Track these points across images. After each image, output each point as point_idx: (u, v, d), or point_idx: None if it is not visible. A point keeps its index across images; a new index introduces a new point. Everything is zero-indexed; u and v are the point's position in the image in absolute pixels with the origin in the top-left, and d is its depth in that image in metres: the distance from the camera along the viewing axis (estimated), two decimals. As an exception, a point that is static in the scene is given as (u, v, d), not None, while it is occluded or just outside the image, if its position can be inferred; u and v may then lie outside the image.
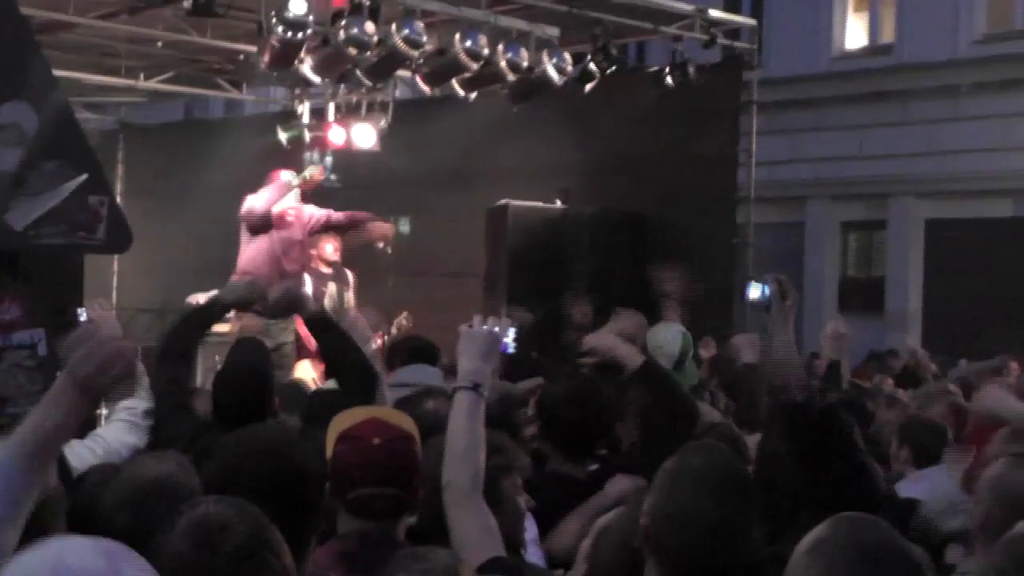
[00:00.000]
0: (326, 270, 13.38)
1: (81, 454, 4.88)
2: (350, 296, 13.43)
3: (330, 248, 13.45)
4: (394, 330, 12.78)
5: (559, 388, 5.54)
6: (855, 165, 20.52)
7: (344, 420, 3.91)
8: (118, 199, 14.97)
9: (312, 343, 11.06)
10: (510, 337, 4.37)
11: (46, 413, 2.88)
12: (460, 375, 3.90)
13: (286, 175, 13.26)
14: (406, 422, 4.00)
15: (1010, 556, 3.58)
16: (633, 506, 3.68)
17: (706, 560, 2.52)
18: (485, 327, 3.99)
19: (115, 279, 19.86)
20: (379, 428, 3.86)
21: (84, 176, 6.96)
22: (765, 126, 15.98)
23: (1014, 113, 19.05)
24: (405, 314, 13.10)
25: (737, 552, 3.12)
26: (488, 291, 15.02)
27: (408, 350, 8.21)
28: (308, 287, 12.44)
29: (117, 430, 5.31)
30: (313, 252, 13.25)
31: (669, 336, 9.22)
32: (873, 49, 21.26)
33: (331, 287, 13.00)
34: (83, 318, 6.33)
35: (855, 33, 21.51)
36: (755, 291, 4.73)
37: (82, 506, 3.52)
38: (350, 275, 13.60)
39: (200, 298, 16.07)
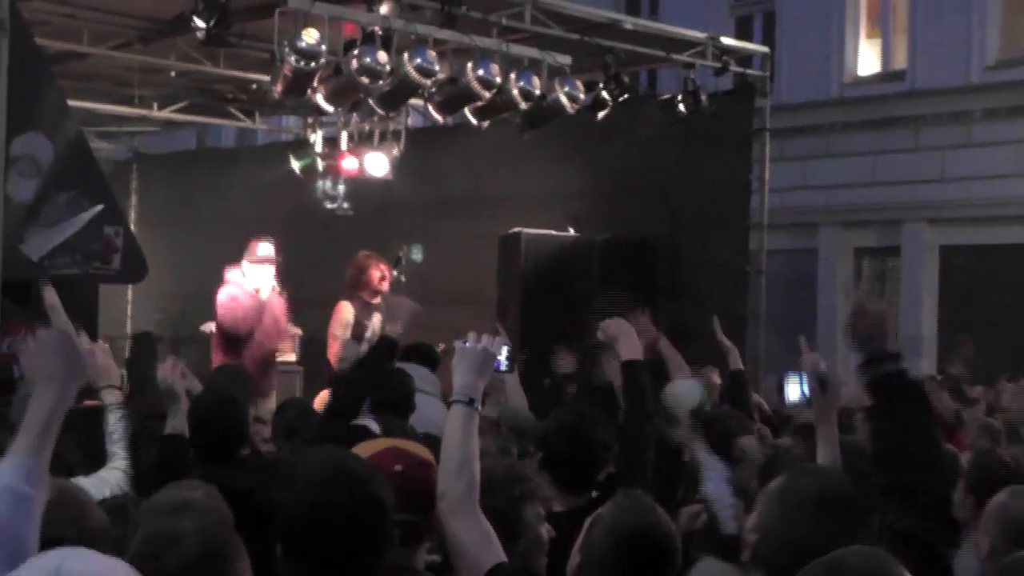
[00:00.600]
0: (373, 300, 13.24)
1: (91, 487, 4.93)
2: None
3: (377, 275, 13.36)
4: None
5: (554, 424, 5.58)
6: (867, 191, 20.49)
7: (364, 449, 3.97)
8: (132, 228, 15.07)
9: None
10: (503, 355, 4.44)
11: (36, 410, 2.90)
12: (455, 389, 3.97)
13: (264, 248, 13.22)
14: (424, 451, 4.05)
15: (1001, 533, 3.64)
16: (624, 497, 3.74)
17: None
18: (480, 344, 4.08)
19: (129, 307, 19.93)
20: (399, 456, 3.93)
21: (100, 206, 7.02)
22: (777, 152, 16.00)
23: (1025, 139, 19.06)
24: (442, 345, 13.07)
25: None
26: (500, 318, 15.02)
27: (404, 348, 8.27)
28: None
29: (118, 477, 5.35)
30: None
31: (686, 389, 8.98)
32: (885, 75, 21.25)
33: (375, 318, 12.78)
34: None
35: (867, 59, 21.51)
36: (794, 391, 4.66)
37: None
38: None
39: (213, 327, 16.20)
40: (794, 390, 6.31)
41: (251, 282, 13.01)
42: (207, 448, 5.37)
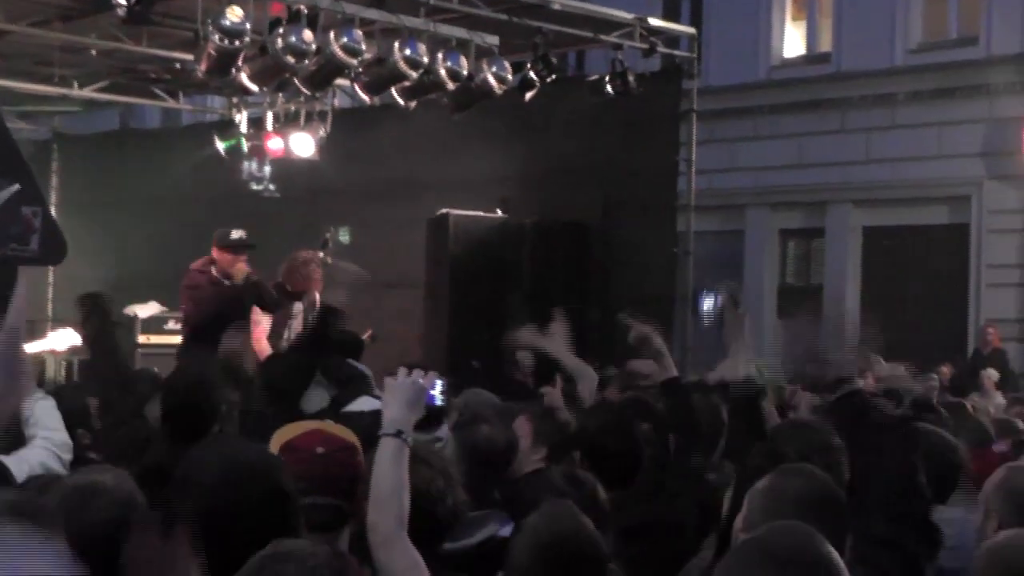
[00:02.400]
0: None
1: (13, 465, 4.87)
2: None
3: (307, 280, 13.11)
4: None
5: (597, 421, 5.60)
6: (794, 173, 20.64)
7: (288, 432, 3.97)
8: (52, 210, 14.82)
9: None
10: (437, 390, 4.44)
11: None
12: (385, 423, 3.98)
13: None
14: (349, 434, 4.03)
15: (991, 563, 3.67)
16: (548, 507, 3.71)
17: None
18: (410, 379, 4.10)
19: (51, 291, 19.64)
20: (322, 439, 3.92)
21: (17, 187, 6.87)
22: (704, 135, 16.02)
23: (949, 121, 19.24)
24: (369, 333, 12.94)
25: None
26: (429, 302, 14.97)
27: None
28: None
29: (40, 455, 5.29)
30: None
31: None
32: (811, 58, 21.41)
33: (296, 306, 12.60)
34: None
35: (793, 42, 21.65)
36: (708, 302, 4.81)
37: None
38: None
39: (138, 309, 15.98)
40: (708, 302, 6.42)
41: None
42: (180, 429, 5.35)
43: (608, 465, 5.38)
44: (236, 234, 11.88)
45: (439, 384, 4.72)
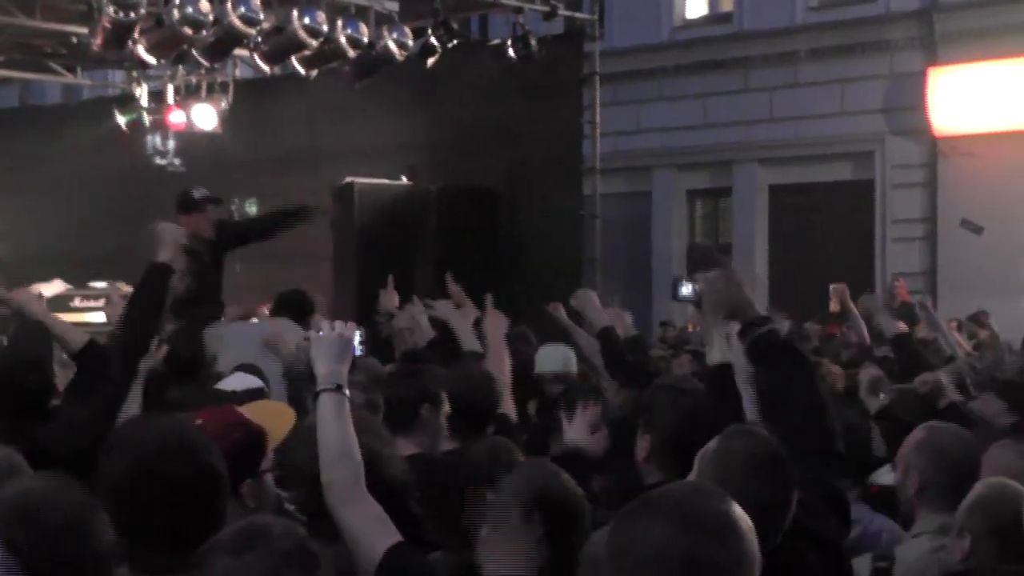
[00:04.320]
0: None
1: None
2: None
3: None
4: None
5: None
6: (699, 134, 20.73)
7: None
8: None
9: None
10: (357, 340, 4.38)
11: None
12: (319, 379, 3.91)
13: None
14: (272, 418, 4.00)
15: (990, 517, 3.80)
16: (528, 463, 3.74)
17: (760, 535, 2.57)
18: (335, 331, 4.04)
19: (-48, 271, 19.34)
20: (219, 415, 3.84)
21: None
22: (609, 97, 16.06)
23: (851, 78, 19.41)
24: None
25: (782, 525, 3.36)
26: (336, 271, 14.92)
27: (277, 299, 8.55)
28: None
29: None
30: None
31: (553, 354, 8.70)
32: (713, 18, 21.47)
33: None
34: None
35: (695, 3, 21.70)
36: (686, 289, 4.82)
37: None
38: None
39: (43, 288, 15.77)
40: (686, 289, 6.52)
41: None
42: (14, 409, 5.14)
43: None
44: (198, 193, 11.34)
45: (358, 334, 4.71)
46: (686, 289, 5.19)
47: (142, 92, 16.45)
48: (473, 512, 3.62)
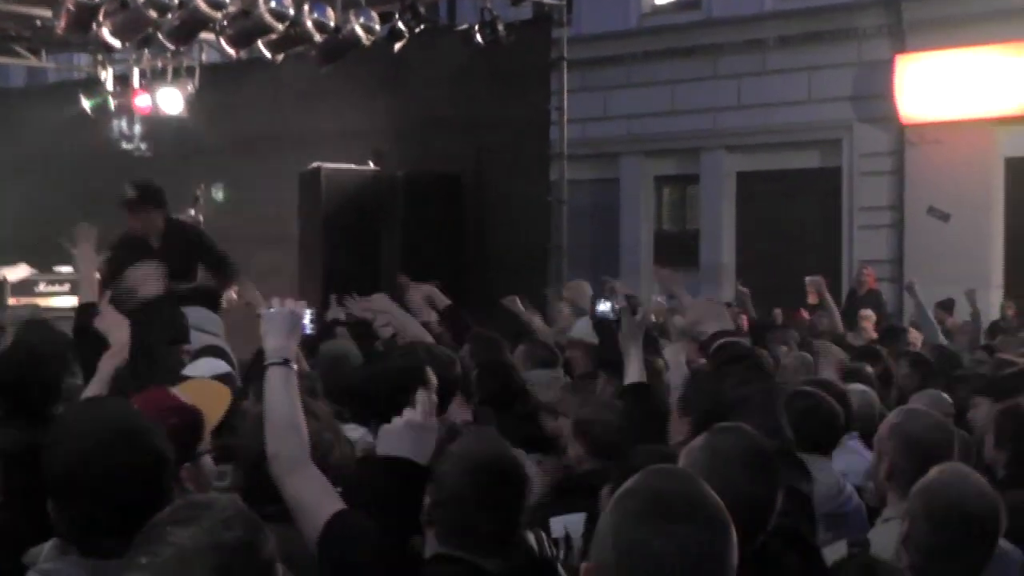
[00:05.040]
0: None
1: None
2: None
3: None
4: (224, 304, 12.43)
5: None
6: (667, 120, 20.71)
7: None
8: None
9: None
10: (306, 319, 4.39)
11: None
12: (268, 353, 4.02)
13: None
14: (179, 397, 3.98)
15: (927, 501, 3.82)
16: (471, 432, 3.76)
17: (744, 530, 2.56)
18: (286, 308, 4.17)
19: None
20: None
21: None
22: (577, 83, 16.02)
23: (819, 65, 19.42)
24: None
25: (768, 524, 3.36)
26: (303, 256, 14.89)
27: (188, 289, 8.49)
28: None
29: None
30: None
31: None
32: (681, 5, 21.43)
33: None
34: None
35: (663, -11, 21.69)
36: (603, 306, 4.86)
37: None
38: None
39: (7, 272, 15.69)
40: (605, 307, 6.53)
41: None
42: (18, 407, 5.05)
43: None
44: (129, 192, 10.70)
45: (308, 313, 4.72)
46: (603, 306, 5.24)
47: (107, 76, 16.36)
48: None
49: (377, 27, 13.61)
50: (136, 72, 16.24)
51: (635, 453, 4.50)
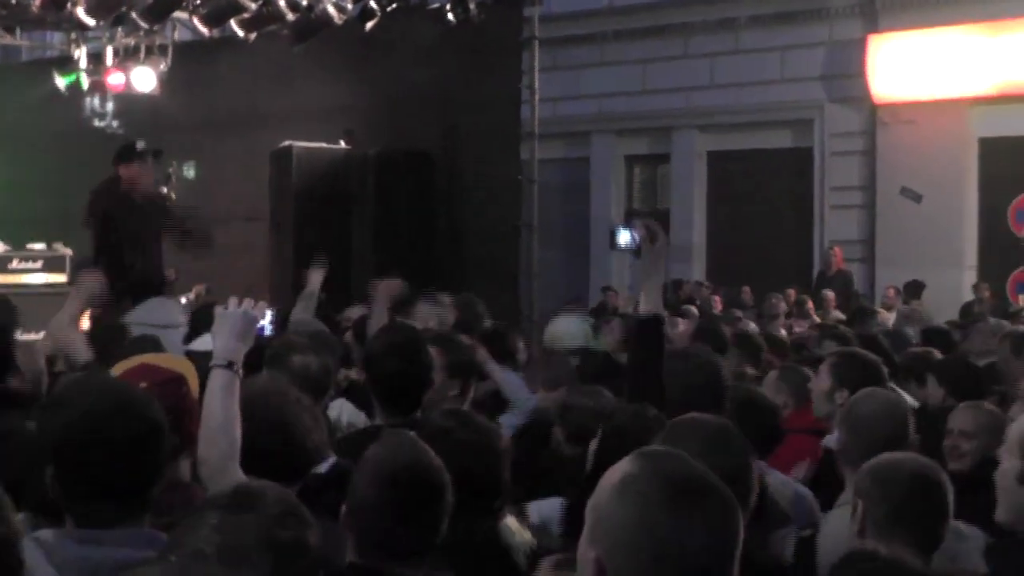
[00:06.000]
0: None
1: None
2: None
3: None
4: (192, 297, 12.53)
5: None
6: (638, 99, 20.75)
7: (118, 368, 3.93)
8: None
9: None
10: (267, 320, 4.32)
11: None
12: (215, 354, 3.93)
13: None
14: (181, 365, 4.03)
15: (873, 482, 3.85)
16: (388, 436, 3.78)
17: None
18: (241, 309, 4.05)
19: None
20: (147, 372, 3.91)
21: None
22: (548, 62, 16.07)
23: (790, 45, 19.47)
24: (203, 287, 12.88)
25: (748, 504, 3.37)
26: (275, 235, 14.94)
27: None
28: None
29: None
30: None
31: (572, 327, 8.57)
32: (653, -17, 21.47)
33: None
34: None
35: (636, -33, 21.69)
36: (624, 237, 4.82)
37: None
38: None
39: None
40: (624, 237, 6.46)
41: None
42: None
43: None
44: (140, 144, 11.42)
45: (269, 314, 4.67)
46: (624, 238, 5.17)
47: (81, 54, 16.32)
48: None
49: (349, 6, 13.69)
50: (109, 50, 16.20)
51: (620, 412, 4.55)
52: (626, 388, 4.89)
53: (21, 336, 6.08)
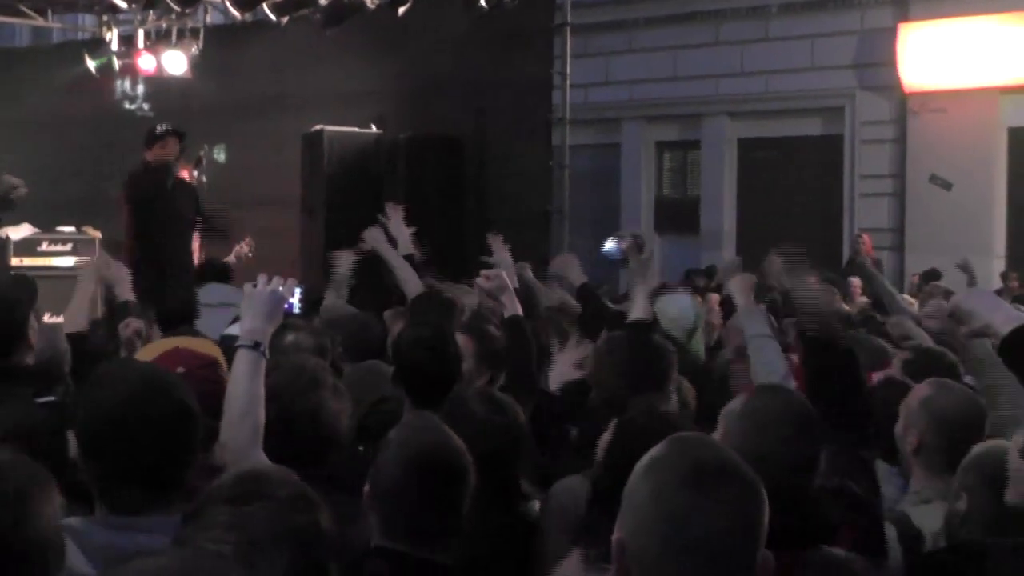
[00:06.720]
0: None
1: None
2: None
3: None
4: (233, 258, 12.53)
5: None
6: (668, 86, 20.67)
7: (149, 352, 3.92)
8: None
9: None
10: (296, 297, 4.24)
11: None
12: (242, 334, 3.86)
13: None
14: (212, 349, 4.01)
15: (982, 470, 3.75)
16: (412, 419, 3.78)
17: (787, 493, 2.57)
18: (270, 287, 3.97)
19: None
20: (182, 357, 3.89)
21: None
22: (579, 48, 16.05)
23: (821, 33, 19.38)
24: (247, 240, 12.86)
25: (810, 482, 3.33)
26: (306, 218, 14.96)
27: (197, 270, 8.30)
28: None
29: None
30: None
31: (682, 306, 8.15)
32: (685, -30, 21.41)
33: None
34: None
35: (667, -45, 21.63)
36: (609, 244, 4.87)
37: None
38: None
39: (10, 231, 15.76)
40: (611, 245, 6.38)
41: None
42: None
43: None
44: (160, 127, 11.63)
45: (298, 292, 4.61)
46: (610, 244, 5.26)
47: (112, 36, 16.39)
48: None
49: (381, -9, 13.67)
50: (141, 33, 16.27)
51: (634, 405, 4.43)
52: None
53: (49, 319, 6.08)
